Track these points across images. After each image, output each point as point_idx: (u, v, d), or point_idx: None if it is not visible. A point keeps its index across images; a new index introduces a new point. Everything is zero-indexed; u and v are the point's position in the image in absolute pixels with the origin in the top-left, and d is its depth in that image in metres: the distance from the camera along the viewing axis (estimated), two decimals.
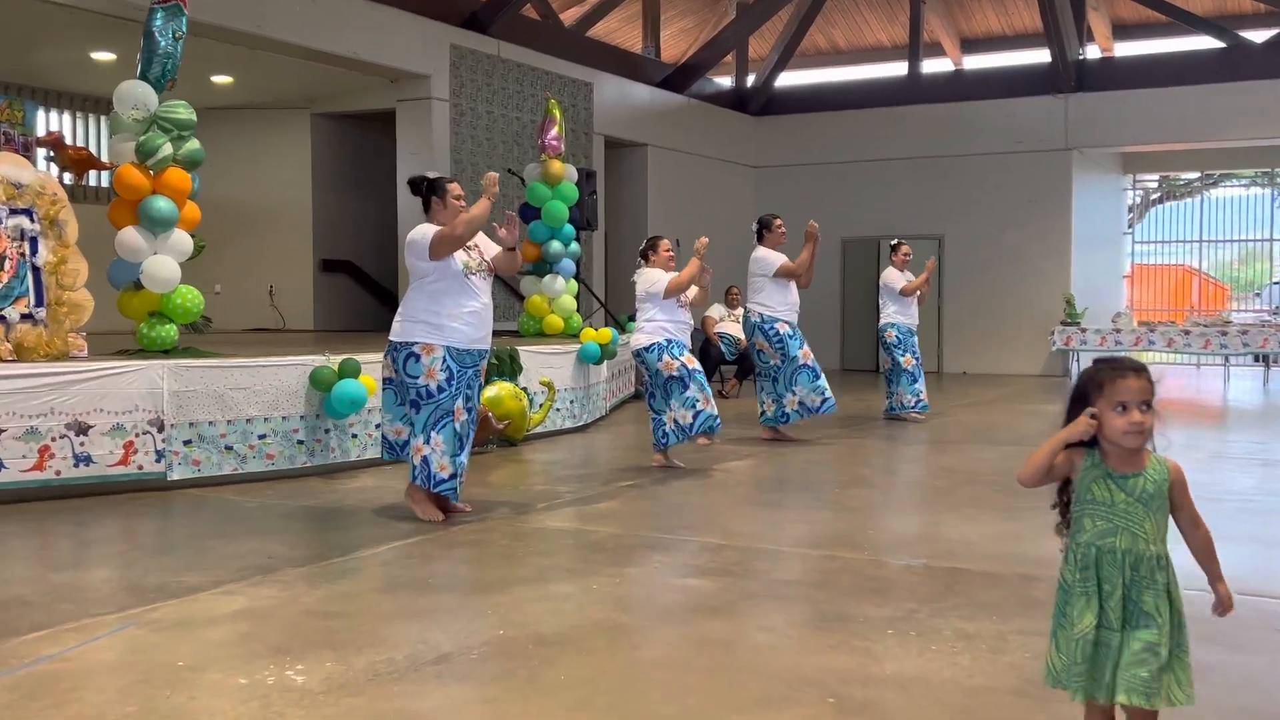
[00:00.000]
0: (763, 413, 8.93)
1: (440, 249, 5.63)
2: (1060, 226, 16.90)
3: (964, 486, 6.93)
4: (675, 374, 7.40)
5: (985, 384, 15.27)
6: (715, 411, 7.51)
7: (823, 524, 5.78)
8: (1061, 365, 16.82)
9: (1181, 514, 2.50)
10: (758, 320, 8.77)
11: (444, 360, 5.65)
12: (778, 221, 8.91)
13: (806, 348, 8.84)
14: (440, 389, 5.66)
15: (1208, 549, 2.52)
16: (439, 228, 5.72)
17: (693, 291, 7.57)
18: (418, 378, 5.65)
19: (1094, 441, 2.52)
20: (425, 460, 5.68)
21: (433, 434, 5.67)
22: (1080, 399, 2.51)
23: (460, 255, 5.73)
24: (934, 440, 9.32)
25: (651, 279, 7.51)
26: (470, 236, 5.73)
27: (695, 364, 7.51)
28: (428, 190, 5.84)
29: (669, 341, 7.45)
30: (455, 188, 5.86)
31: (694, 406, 7.41)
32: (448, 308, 5.68)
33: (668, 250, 7.63)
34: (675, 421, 7.41)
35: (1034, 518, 5.74)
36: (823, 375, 8.89)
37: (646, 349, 7.46)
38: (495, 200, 5.76)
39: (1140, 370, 2.47)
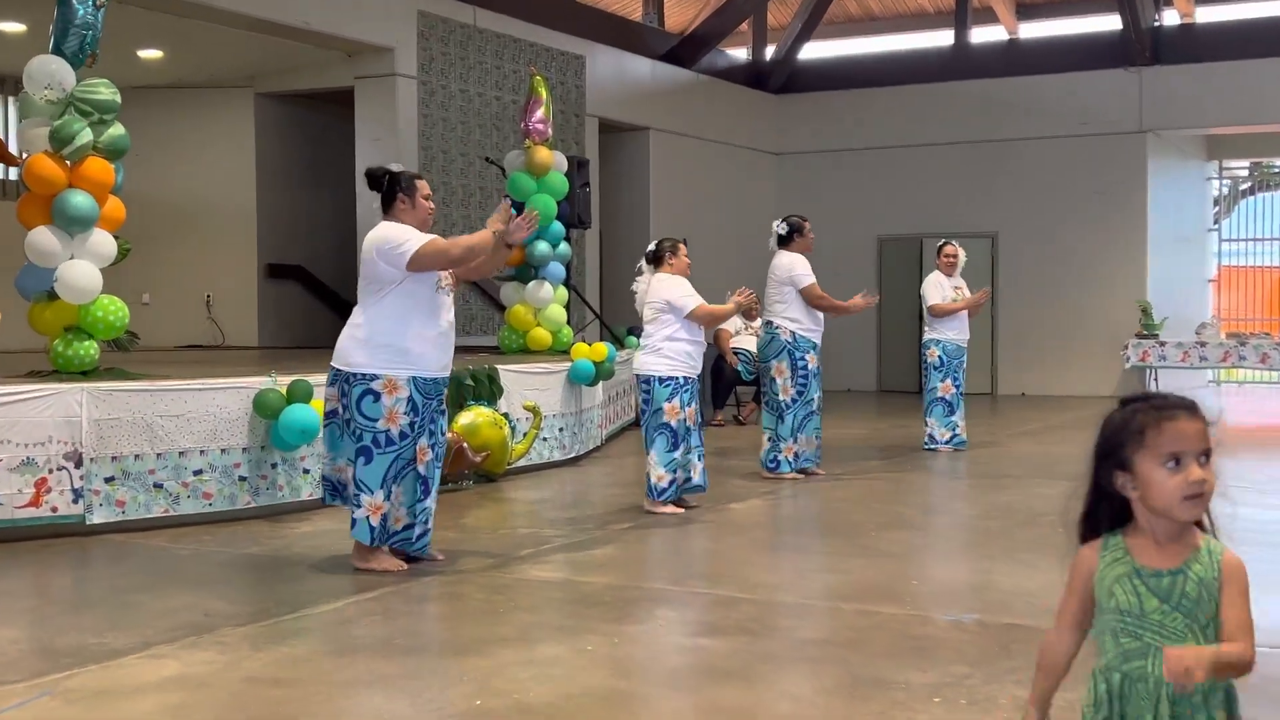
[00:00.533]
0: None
1: (424, 263, 5.59)
2: (1134, 222, 16.92)
3: (1022, 528, 6.93)
4: (673, 426, 7.33)
5: (1047, 408, 15.27)
6: (698, 480, 7.47)
7: (856, 573, 5.77)
8: (1137, 385, 16.81)
9: (1226, 622, 2.12)
10: (789, 340, 8.73)
11: (409, 399, 5.61)
12: (808, 226, 8.98)
13: None
14: (403, 434, 5.62)
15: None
16: (421, 233, 5.68)
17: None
18: (375, 420, 5.58)
19: (1116, 518, 2.20)
20: (385, 517, 5.67)
21: (394, 487, 5.67)
22: (1110, 454, 2.16)
23: None
24: (987, 474, 9.32)
25: (684, 290, 7.42)
26: (464, 264, 5.75)
27: (695, 421, 7.46)
28: (391, 184, 5.82)
29: (686, 380, 7.39)
30: (424, 186, 5.85)
31: (674, 471, 7.35)
32: (416, 327, 5.64)
33: (687, 258, 7.63)
34: (648, 476, 7.36)
35: None
36: None
37: (661, 380, 7.31)
38: (511, 240, 5.78)
39: (1194, 409, 2.13)
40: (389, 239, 5.63)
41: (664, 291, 7.41)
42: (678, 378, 7.35)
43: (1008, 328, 17.42)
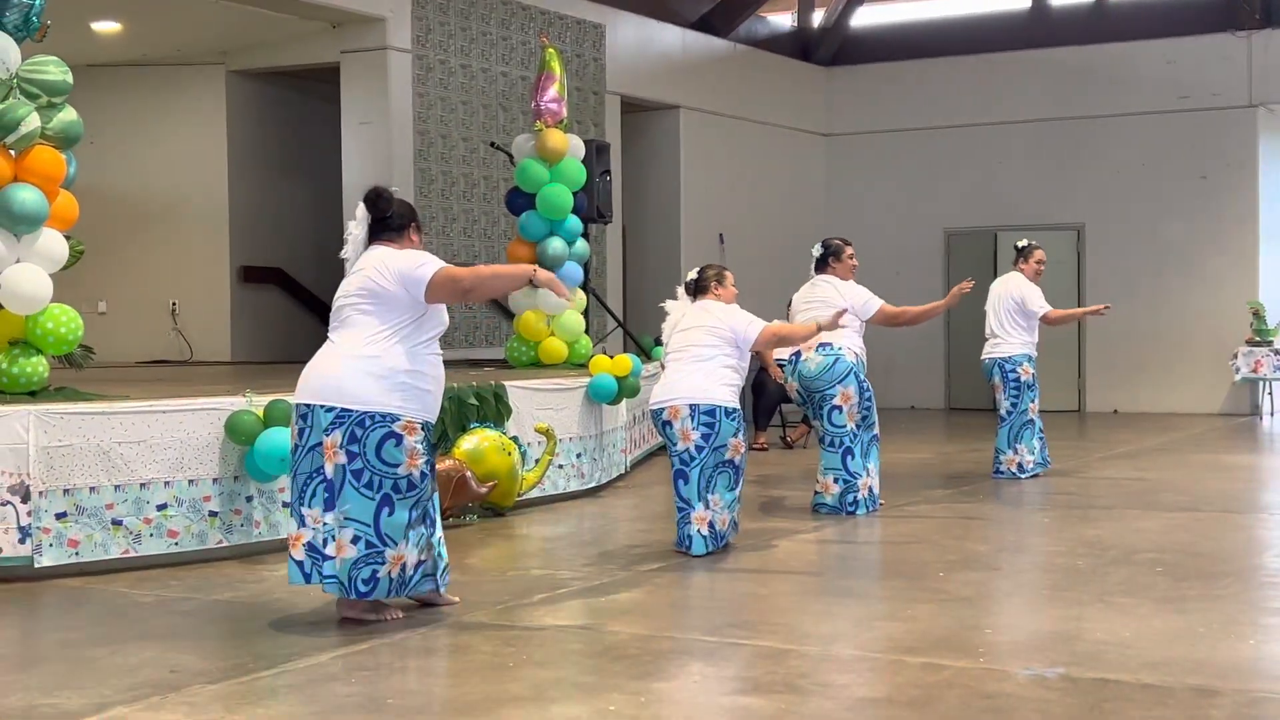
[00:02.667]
0: (819, 495, 8.86)
1: (439, 294, 5.67)
2: (1244, 212, 16.82)
3: (1116, 567, 6.89)
4: (737, 462, 7.39)
5: (1144, 427, 15.19)
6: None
7: (922, 621, 5.75)
8: (1249, 400, 16.71)
9: None
10: (854, 363, 8.74)
11: (424, 437, 5.73)
12: (850, 250, 9.08)
13: None
14: (423, 475, 5.72)
15: None
16: (437, 259, 5.76)
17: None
18: (397, 466, 5.63)
19: None
20: (404, 566, 5.69)
21: (411, 532, 5.70)
22: None
23: None
24: (1073, 505, 9.27)
25: (746, 315, 7.53)
26: (473, 297, 5.84)
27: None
28: (407, 215, 5.88)
29: (739, 412, 7.49)
30: None
31: (738, 506, 7.45)
32: (430, 367, 5.76)
33: (734, 287, 7.74)
34: (710, 525, 7.33)
35: (1213, 610, 5.69)
36: None
37: (728, 413, 7.32)
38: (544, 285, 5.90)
39: None
40: (410, 259, 5.69)
41: (726, 317, 7.47)
42: (740, 409, 7.45)
43: (1097, 335, 17.33)
